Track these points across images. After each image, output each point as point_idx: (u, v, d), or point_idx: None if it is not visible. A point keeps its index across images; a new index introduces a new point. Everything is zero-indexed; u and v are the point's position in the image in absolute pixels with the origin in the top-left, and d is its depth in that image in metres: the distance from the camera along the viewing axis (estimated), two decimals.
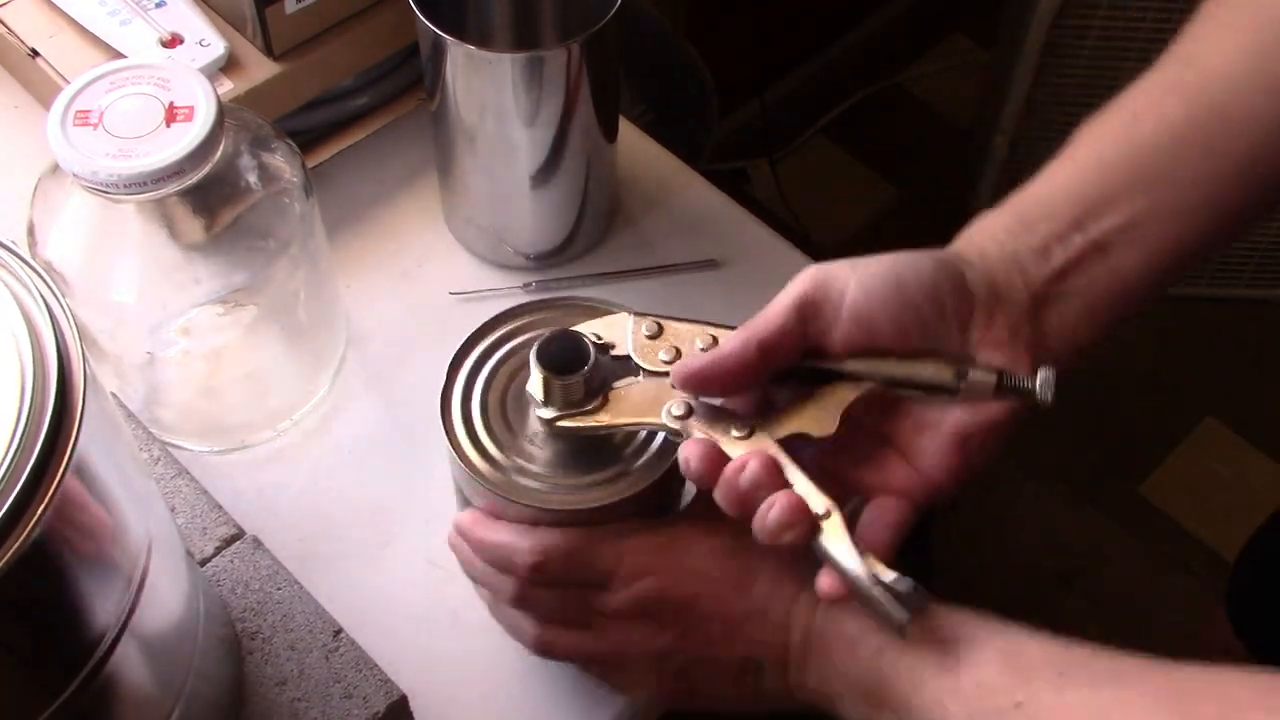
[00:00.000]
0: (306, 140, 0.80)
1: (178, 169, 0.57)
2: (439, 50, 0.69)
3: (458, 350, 0.58)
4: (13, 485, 0.37)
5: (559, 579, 0.54)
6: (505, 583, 0.55)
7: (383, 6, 0.77)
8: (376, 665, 0.58)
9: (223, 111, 0.59)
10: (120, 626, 0.45)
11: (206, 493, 0.63)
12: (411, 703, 0.59)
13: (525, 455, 0.56)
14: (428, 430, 0.57)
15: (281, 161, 0.64)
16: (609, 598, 0.53)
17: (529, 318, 0.59)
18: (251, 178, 0.63)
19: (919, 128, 1.91)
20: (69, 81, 0.60)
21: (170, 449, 0.65)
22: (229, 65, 0.74)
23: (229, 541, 0.61)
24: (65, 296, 0.42)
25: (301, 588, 0.60)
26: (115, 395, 0.68)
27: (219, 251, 0.63)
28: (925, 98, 1.94)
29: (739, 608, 0.52)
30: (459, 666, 0.65)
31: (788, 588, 0.52)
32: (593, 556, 0.53)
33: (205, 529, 0.61)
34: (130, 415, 0.66)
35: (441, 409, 0.56)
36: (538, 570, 0.53)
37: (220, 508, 0.62)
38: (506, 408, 0.57)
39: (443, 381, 0.57)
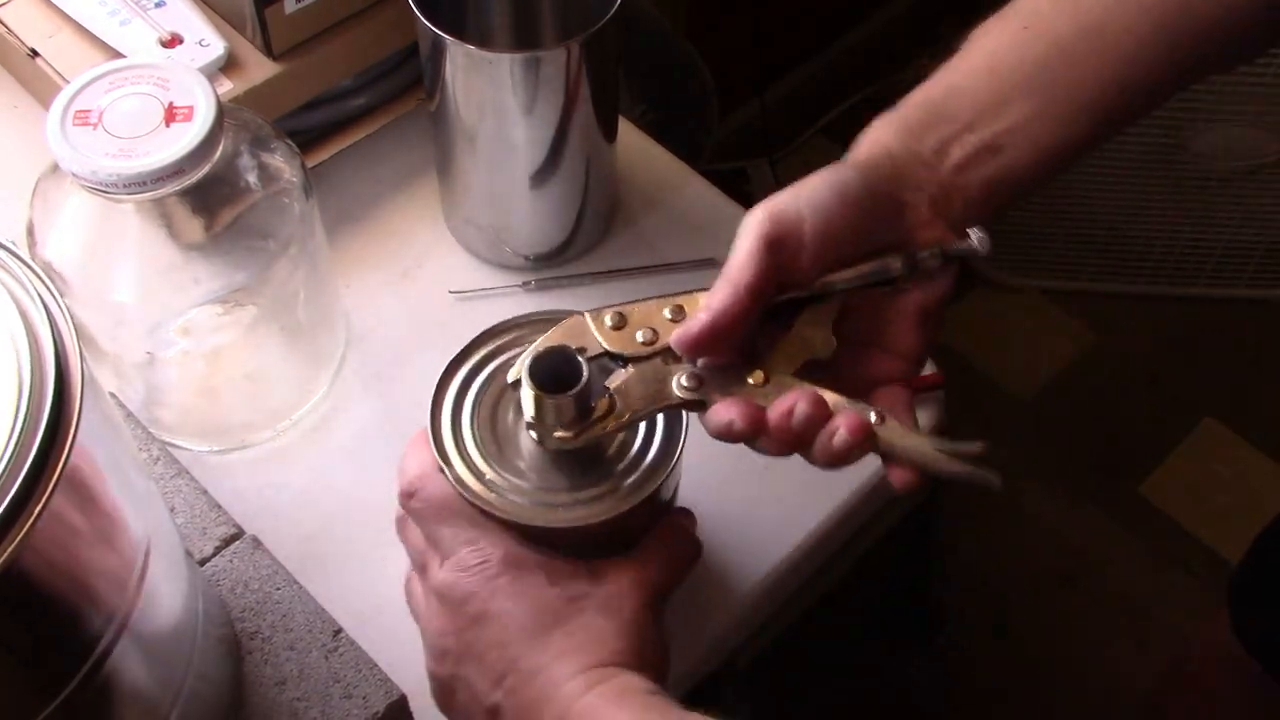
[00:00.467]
0: (306, 140, 0.80)
1: (177, 169, 0.57)
2: (439, 50, 0.69)
3: (438, 382, 0.56)
4: (10, 485, 0.37)
5: (417, 516, 0.54)
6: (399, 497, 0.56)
7: (383, 6, 0.77)
8: (376, 665, 0.58)
9: (222, 111, 0.59)
10: (119, 626, 0.45)
11: (206, 493, 0.62)
12: (411, 703, 0.59)
13: (517, 474, 0.54)
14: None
15: (281, 161, 0.64)
16: (434, 568, 0.53)
17: (504, 338, 0.57)
18: (251, 178, 0.63)
19: None
20: (69, 81, 0.60)
21: (170, 449, 0.65)
22: (229, 65, 0.74)
23: (228, 541, 0.61)
24: (64, 296, 0.42)
25: (301, 588, 0.60)
26: (115, 395, 0.68)
27: (219, 251, 0.63)
28: None
29: (524, 656, 0.51)
30: None
31: (575, 660, 0.50)
32: (444, 521, 0.53)
33: (205, 529, 0.61)
34: (130, 415, 0.66)
35: (430, 421, 0.55)
36: (405, 496, 0.54)
37: (220, 507, 0.62)
38: (496, 426, 0.55)
39: (429, 408, 0.55)
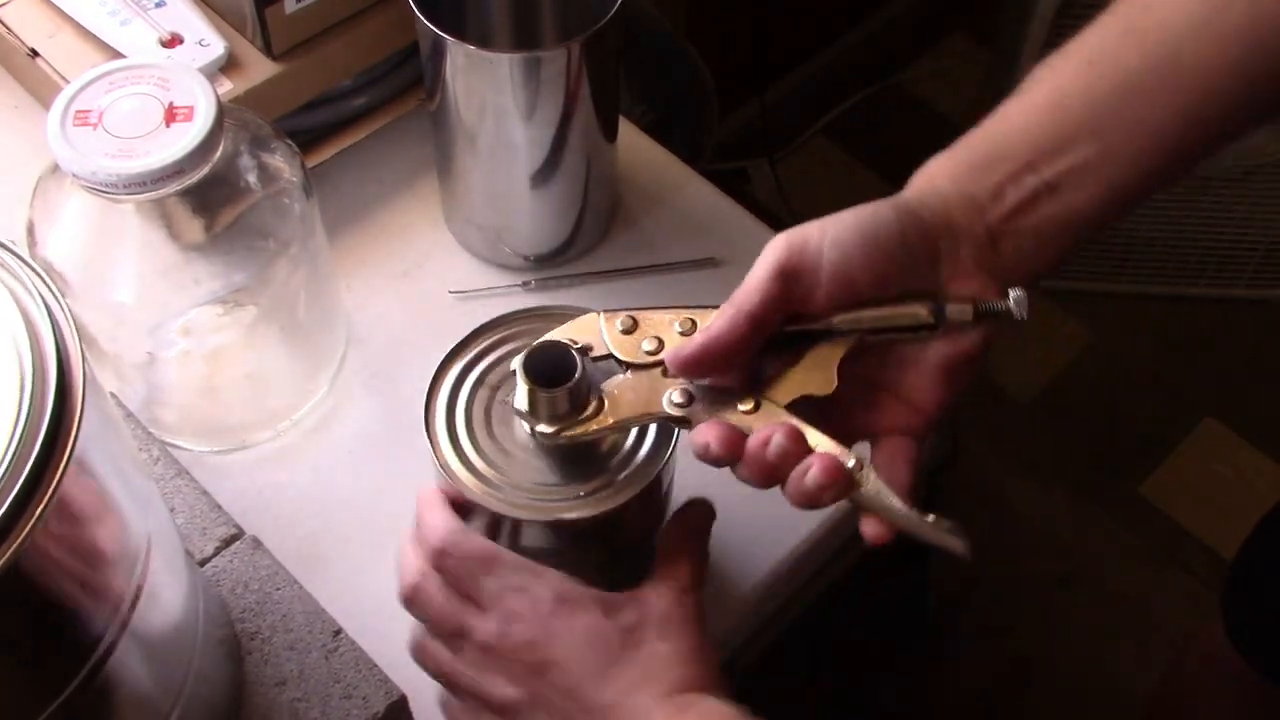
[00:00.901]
0: (306, 140, 0.80)
1: (177, 169, 0.57)
2: (439, 50, 0.69)
3: (434, 374, 0.57)
4: (12, 485, 0.37)
5: (453, 575, 0.53)
6: (412, 562, 0.54)
7: (383, 6, 0.77)
8: (376, 665, 0.58)
9: (222, 111, 0.59)
10: (119, 626, 0.45)
11: (206, 493, 0.62)
12: (411, 703, 0.58)
13: (513, 467, 0.55)
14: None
15: (281, 161, 0.64)
16: (480, 624, 0.52)
17: (504, 331, 0.58)
18: (251, 178, 0.63)
19: (919, 128, 1.90)
20: (69, 81, 0.60)
21: (170, 449, 0.65)
22: (229, 65, 0.74)
23: (228, 541, 0.61)
24: (65, 296, 0.42)
25: (301, 588, 0.60)
26: (115, 395, 0.68)
27: (219, 252, 0.63)
28: (925, 98, 1.94)
29: (593, 696, 0.51)
30: None
31: (648, 691, 0.51)
32: (490, 571, 0.53)
33: (205, 529, 0.61)
34: (130, 415, 0.66)
35: (425, 420, 0.56)
36: (439, 555, 0.53)
37: (220, 508, 0.62)
38: (491, 420, 0.56)
39: (424, 400, 0.56)
